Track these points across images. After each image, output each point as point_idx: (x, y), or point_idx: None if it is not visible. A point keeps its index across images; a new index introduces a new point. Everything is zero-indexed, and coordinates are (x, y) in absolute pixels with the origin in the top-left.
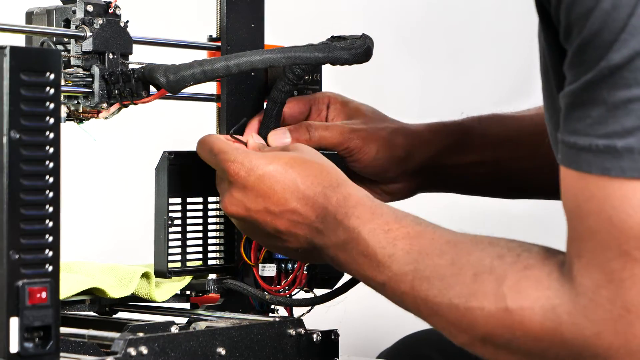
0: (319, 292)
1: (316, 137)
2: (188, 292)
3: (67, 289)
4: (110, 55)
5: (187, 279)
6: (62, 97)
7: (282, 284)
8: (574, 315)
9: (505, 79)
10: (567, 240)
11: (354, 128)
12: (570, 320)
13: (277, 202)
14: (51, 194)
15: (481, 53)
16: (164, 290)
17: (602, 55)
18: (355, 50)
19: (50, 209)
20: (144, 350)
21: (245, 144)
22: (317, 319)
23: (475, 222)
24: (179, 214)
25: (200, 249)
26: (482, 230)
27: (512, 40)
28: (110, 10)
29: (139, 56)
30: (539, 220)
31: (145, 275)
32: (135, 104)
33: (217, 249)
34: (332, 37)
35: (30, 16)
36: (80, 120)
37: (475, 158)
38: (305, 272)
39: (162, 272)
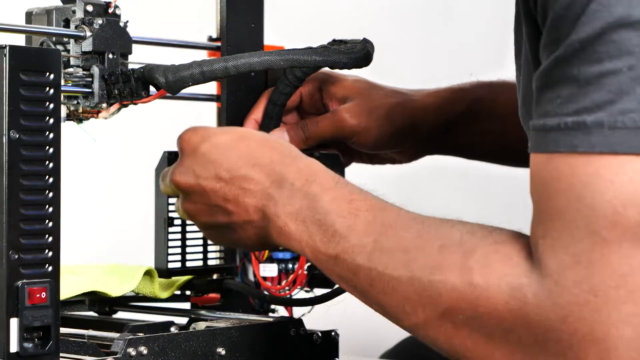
0: (319, 292)
1: (312, 133)
2: (188, 292)
3: (68, 290)
4: (110, 55)
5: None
6: (62, 97)
7: (283, 284)
8: (540, 297)
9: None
10: (531, 225)
11: (349, 112)
12: (536, 302)
13: (228, 168)
14: (51, 194)
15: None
16: (166, 287)
17: (572, 29)
18: (354, 54)
19: (50, 209)
20: (143, 350)
21: None
22: (317, 319)
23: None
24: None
25: (200, 249)
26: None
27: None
28: (110, 10)
29: (139, 56)
30: None
31: (147, 273)
32: (135, 104)
33: (217, 249)
34: (334, 40)
35: (30, 16)
36: (80, 120)
37: (483, 127)
38: (305, 272)
39: (162, 272)
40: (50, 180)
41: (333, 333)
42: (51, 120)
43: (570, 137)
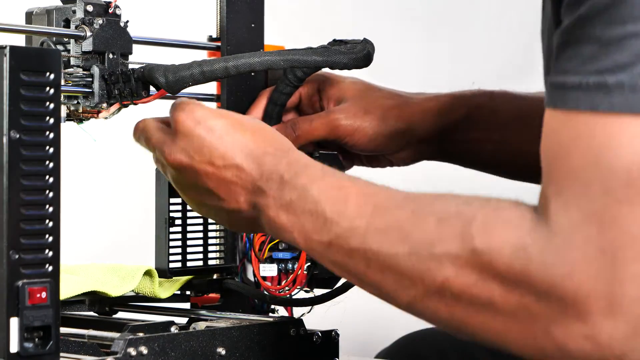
0: (319, 292)
1: (302, 133)
2: (188, 292)
3: (68, 290)
4: (110, 55)
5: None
6: (62, 97)
7: (282, 284)
8: (546, 254)
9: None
10: (542, 184)
11: (343, 113)
12: (541, 259)
13: (222, 155)
14: (51, 194)
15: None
16: (166, 287)
17: None
18: (354, 55)
19: (50, 209)
20: (144, 350)
21: None
22: (317, 319)
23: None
24: (179, 214)
25: (200, 249)
26: None
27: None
28: (110, 10)
29: (139, 56)
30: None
31: (147, 273)
32: (135, 104)
33: (217, 249)
34: (334, 40)
35: (30, 16)
36: (80, 120)
37: (482, 135)
38: (305, 272)
39: (163, 272)
40: (50, 180)
41: (333, 333)
42: (51, 120)
43: (591, 96)
